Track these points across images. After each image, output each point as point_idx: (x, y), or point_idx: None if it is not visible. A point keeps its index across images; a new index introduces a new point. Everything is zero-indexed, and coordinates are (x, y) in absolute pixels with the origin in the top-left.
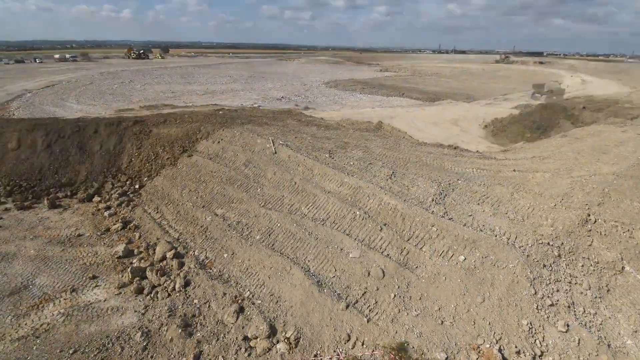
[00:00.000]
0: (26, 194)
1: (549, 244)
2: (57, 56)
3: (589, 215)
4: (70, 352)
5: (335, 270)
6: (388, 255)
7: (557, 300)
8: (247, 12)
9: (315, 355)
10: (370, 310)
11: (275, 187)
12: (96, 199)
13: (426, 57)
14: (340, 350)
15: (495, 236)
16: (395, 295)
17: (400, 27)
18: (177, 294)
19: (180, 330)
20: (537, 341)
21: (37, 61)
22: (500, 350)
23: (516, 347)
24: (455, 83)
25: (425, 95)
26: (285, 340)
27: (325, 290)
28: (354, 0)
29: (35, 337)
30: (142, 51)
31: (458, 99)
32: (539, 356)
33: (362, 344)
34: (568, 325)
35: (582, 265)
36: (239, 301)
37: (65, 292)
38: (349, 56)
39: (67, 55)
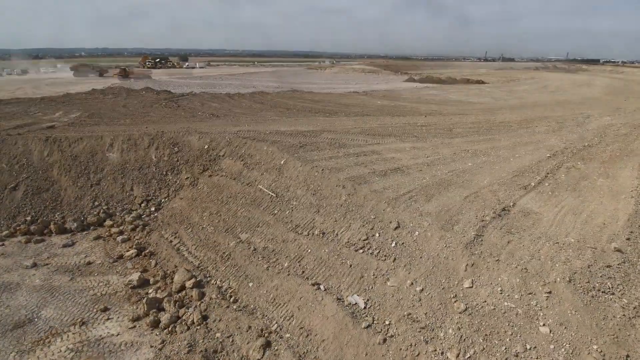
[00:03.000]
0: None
1: None
2: None
3: None
4: None
5: (372, 300)
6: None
7: None
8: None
9: None
10: (410, 345)
11: (306, 209)
12: (108, 222)
13: (472, 65)
14: None
15: None
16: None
17: (442, 33)
18: (198, 327)
19: None
20: None
21: (42, 70)
22: None
23: None
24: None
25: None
26: None
27: (360, 323)
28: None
29: None
30: (157, 60)
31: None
32: None
33: None
34: None
35: None
36: (266, 335)
37: (74, 326)
38: (385, 64)
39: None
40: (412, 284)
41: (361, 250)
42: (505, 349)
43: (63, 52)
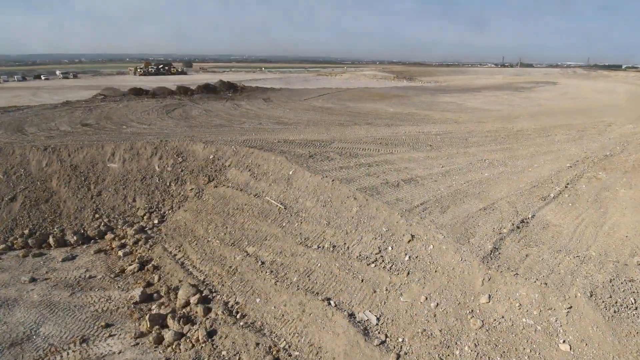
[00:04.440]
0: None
1: None
2: None
3: None
4: None
5: (384, 316)
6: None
7: None
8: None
9: None
10: None
11: (316, 221)
12: (109, 235)
13: (489, 71)
14: None
15: None
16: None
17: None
18: (203, 345)
19: None
20: None
21: (43, 78)
22: None
23: None
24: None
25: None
26: None
27: (372, 340)
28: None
29: None
30: (160, 66)
31: None
32: None
33: None
34: None
35: None
36: (274, 352)
37: (75, 343)
38: (398, 71)
39: None
40: (426, 299)
41: (373, 264)
42: None
43: (63, 58)
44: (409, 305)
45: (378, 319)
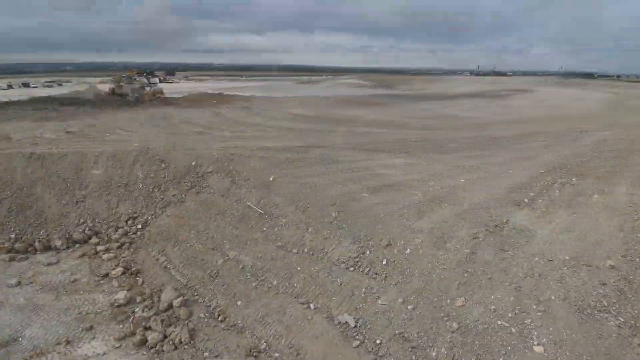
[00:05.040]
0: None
1: None
2: None
3: None
4: None
5: (362, 319)
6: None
7: None
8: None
9: None
10: None
11: (296, 226)
12: (93, 240)
13: (466, 79)
14: None
15: None
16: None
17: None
18: (185, 347)
19: None
20: None
21: (32, 86)
22: None
23: None
24: None
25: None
26: None
27: (350, 342)
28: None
29: None
30: (145, 74)
31: None
32: None
33: None
34: None
35: None
36: (255, 354)
37: (59, 345)
38: (377, 79)
39: None
40: (403, 302)
41: (352, 268)
42: None
43: (49, 67)
44: (387, 308)
45: (356, 322)
